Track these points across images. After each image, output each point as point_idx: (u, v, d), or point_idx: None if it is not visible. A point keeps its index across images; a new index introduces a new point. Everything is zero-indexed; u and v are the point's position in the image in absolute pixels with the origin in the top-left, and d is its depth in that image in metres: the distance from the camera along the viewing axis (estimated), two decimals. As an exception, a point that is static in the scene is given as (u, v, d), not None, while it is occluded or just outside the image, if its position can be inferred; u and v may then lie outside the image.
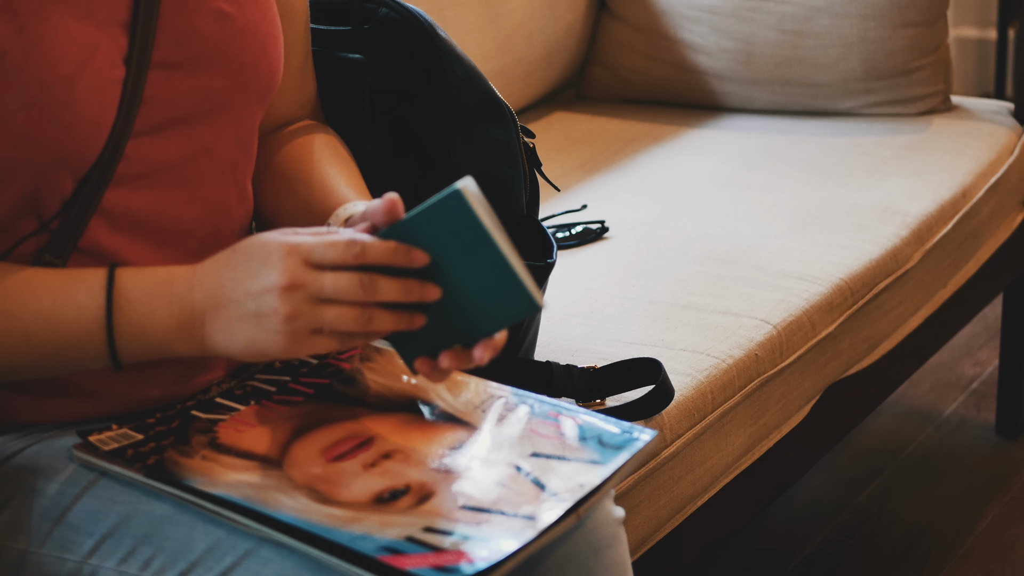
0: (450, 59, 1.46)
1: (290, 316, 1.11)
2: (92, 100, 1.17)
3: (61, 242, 1.19)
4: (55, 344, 1.16)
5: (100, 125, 1.17)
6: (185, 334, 1.16)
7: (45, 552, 1.18)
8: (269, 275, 1.12)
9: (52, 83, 1.15)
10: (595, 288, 1.82)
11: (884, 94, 2.37)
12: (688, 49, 2.44)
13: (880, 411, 2.55)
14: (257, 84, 1.28)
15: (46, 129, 1.15)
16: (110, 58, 1.18)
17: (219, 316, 1.14)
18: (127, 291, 1.16)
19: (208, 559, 1.13)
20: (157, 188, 1.23)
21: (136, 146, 1.21)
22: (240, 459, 1.17)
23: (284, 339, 1.12)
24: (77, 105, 1.16)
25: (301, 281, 1.11)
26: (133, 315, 1.16)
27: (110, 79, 1.18)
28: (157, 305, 1.16)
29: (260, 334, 1.13)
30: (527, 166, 1.52)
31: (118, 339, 1.16)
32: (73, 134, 1.16)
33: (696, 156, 2.27)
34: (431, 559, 1.06)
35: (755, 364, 1.71)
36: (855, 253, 1.92)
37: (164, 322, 1.16)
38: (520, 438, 1.20)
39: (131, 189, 1.22)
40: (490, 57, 2.31)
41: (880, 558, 2.21)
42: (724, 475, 1.70)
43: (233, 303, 1.13)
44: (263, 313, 1.12)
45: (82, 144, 1.17)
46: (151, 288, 1.16)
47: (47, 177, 1.17)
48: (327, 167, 1.35)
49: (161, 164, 1.23)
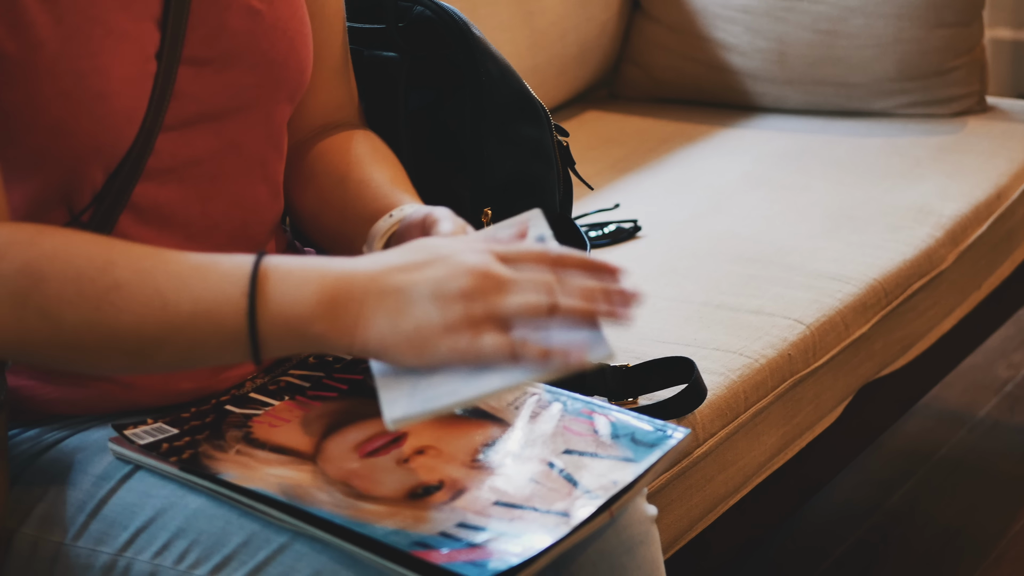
0: (484, 57, 1.46)
1: (474, 300, 1.03)
2: (125, 92, 1.17)
3: None
4: (192, 310, 1.06)
5: (131, 118, 1.18)
6: (336, 317, 1.05)
7: (80, 545, 1.19)
8: (464, 259, 1.04)
9: (87, 74, 1.15)
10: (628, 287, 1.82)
11: (918, 95, 2.36)
12: (722, 49, 2.44)
13: (913, 413, 2.55)
14: (286, 81, 1.28)
15: (80, 120, 1.16)
16: (143, 52, 1.19)
17: (385, 299, 1.05)
18: (275, 259, 1.07)
19: (243, 553, 1.14)
20: (185, 182, 1.24)
21: (165, 141, 1.21)
22: (274, 454, 1.18)
23: (460, 329, 1.03)
24: (111, 97, 1.16)
25: (495, 271, 1.04)
26: (280, 284, 1.06)
27: (143, 72, 1.19)
28: (309, 275, 1.06)
29: (435, 319, 1.03)
30: (560, 164, 1.52)
31: (259, 307, 1.06)
32: (105, 125, 1.17)
33: (729, 156, 2.27)
34: (464, 554, 1.06)
35: (788, 364, 1.71)
36: (889, 254, 1.92)
37: (313, 295, 1.05)
38: (553, 435, 1.20)
39: (159, 183, 1.22)
40: (523, 56, 2.31)
41: (912, 560, 2.20)
42: (756, 475, 1.70)
43: (407, 286, 1.04)
44: (444, 297, 1.03)
45: (114, 136, 1.18)
46: (302, 260, 1.08)
47: (78, 168, 1.18)
48: (376, 169, 1.34)
49: (189, 159, 1.24)
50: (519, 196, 1.47)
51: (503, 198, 1.46)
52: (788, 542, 2.24)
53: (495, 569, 1.05)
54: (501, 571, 1.05)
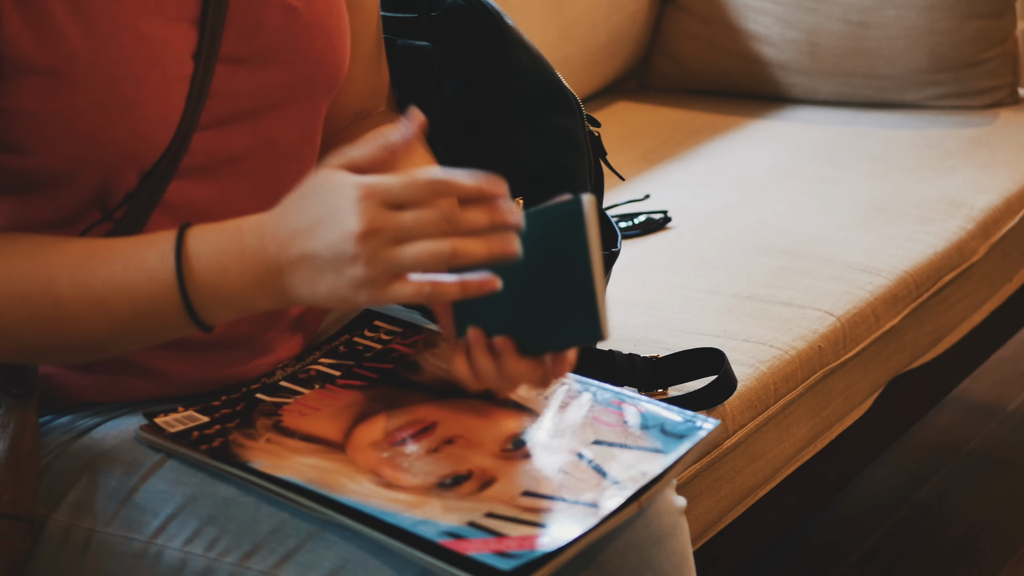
0: (517, 47, 1.46)
1: (370, 261, 1.05)
2: (159, 98, 1.17)
3: (124, 233, 1.20)
4: (132, 311, 1.14)
5: (166, 122, 1.18)
6: (263, 290, 1.11)
7: (111, 532, 1.20)
8: (346, 221, 1.06)
9: (120, 82, 1.15)
10: (657, 278, 1.82)
11: (950, 86, 2.35)
12: (752, 39, 2.43)
13: (943, 405, 2.54)
14: (323, 78, 1.28)
15: (114, 128, 1.16)
16: (178, 55, 1.19)
17: (297, 269, 1.09)
18: (196, 250, 1.12)
19: (272, 541, 1.14)
20: (220, 180, 1.24)
21: (200, 140, 1.21)
22: (304, 443, 1.18)
23: (367, 287, 1.06)
24: (144, 104, 1.16)
25: (380, 224, 1.05)
26: (206, 276, 1.12)
27: (178, 75, 1.18)
28: (228, 263, 1.11)
29: (342, 282, 1.07)
30: (592, 154, 1.52)
31: (194, 301, 1.12)
32: (139, 133, 1.17)
33: (759, 147, 2.26)
34: (492, 544, 1.06)
35: (818, 356, 1.70)
36: (920, 246, 1.91)
37: (238, 279, 1.11)
38: (582, 425, 1.20)
39: (192, 181, 1.22)
40: (553, 46, 2.31)
41: (940, 554, 2.19)
42: (785, 467, 1.70)
43: (310, 255, 1.08)
44: (342, 261, 1.06)
45: (148, 142, 1.18)
46: (221, 244, 1.12)
47: (113, 174, 1.18)
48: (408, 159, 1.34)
49: (224, 157, 1.23)
50: (551, 186, 1.47)
51: (535, 188, 1.46)
52: (817, 534, 2.24)
53: (523, 559, 1.05)
54: (529, 561, 1.05)
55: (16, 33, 1.12)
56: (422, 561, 1.08)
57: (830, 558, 2.19)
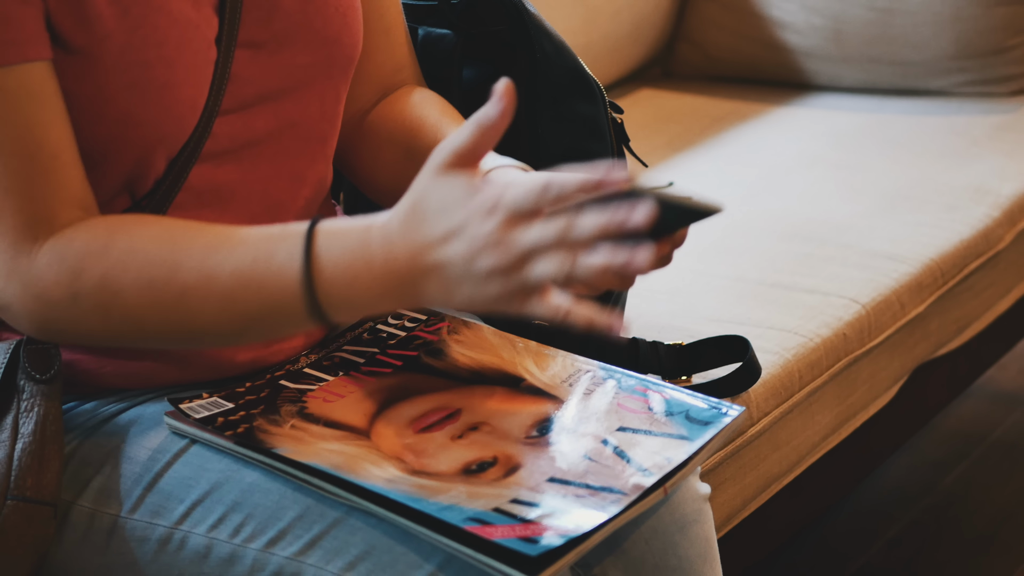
0: (539, 34, 1.45)
1: (499, 272, 1.04)
2: (190, 81, 1.18)
3: None
4: (258, 307, 1.11)
5: (195, 105, 1.19)
6: (393, 296, 1.09)
7: (137, 518, 1.20)
8: (474, 234, 1.04)
9: (154, 64, 1.16)
10: (682, 265, 1.80)
11: (976, 73, 2.34)
12: (777, 27, 2.42)
13: (968, 394, 2.53)
14: (340, 58, 1.28)
15: (148, 110, 1.16)
16: (205, 39, 1.19)
17: (431, 279, 1.07)
18: (325, 254, 1.09)
19: (297, 527, 1.14)
20: (242, 163, 1.24)
21: (223, 124, 1.22)
22: (329, 429, 1.18)
23: (504, 303, 1.05)
24: (176, 86, 1.17)
25: (508, 241, 1.03)
26: (335, 281, 1.09)
27: (205, 59, 1.19)
28: (358, 270, 1.09)
29: (478, 296, 1.05)
30: (615, 142, 1.52)
31: (323, 303, 1.10)
32: (171, 115, 1.18)
33: (784, 134, 2.26)
34: (518, 530, 1.06)
35: (843, 343, 1.70)
36: (945, 233, 1.90)
37: (367, 288, 1.09)
38: (607, 412, 1.20)
39: (215, 165, 1.22)
40: (576, 33, 2.30)
41: (965, 542, 2.19)
42: (810, 454, 1.70)
43: (443, 266, 1.06)
44: (476, 276, 1.05)
45: (178, 124, 1.18)
46: (351, 248, 1.09)
47: (144, 157, 1.19)
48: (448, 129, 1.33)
49: (247, 140, 1.24)
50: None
51: (558, 175, 1.45)
52: (841, 522, 2.23)
53: (548, 545, 1.05)
54: (554, 547, 1.05)
55: (55, 9, 1.13)
56: (448, 547, 1.08)
57: (854, 546, 2.18)
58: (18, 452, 1.18)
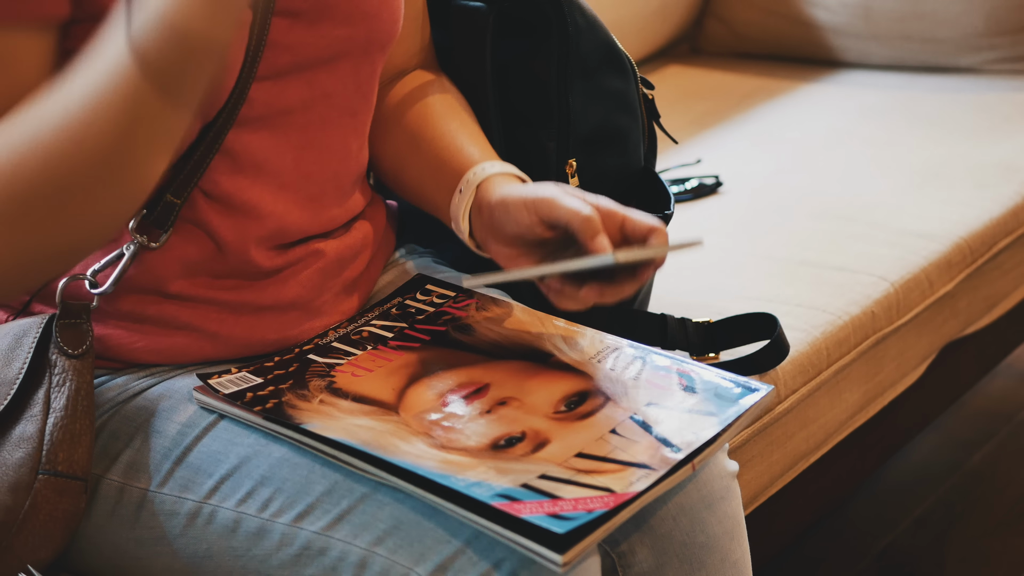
0: (572, 8, 1.45)
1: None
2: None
3: (183, 182, 1.20)
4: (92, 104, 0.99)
5: (231, 69, 1.19)
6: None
7: (166, 492, 1.20)
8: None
9: None
10: (709, 243, 1.80)
11: (1007, 50, 2.33)
12: (806, 3, 2.41)
13: (996, 373, 2.52)
14: (379, 33, 1.29)
15: None
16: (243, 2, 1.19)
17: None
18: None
19: (325, 501, 1.15)
20: (276, 131, 1.24)
21: (258, 90, 1.22)
22: (357, 404, 1.18)
23: None
24: None
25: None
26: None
27: (242, 23, 1.19)
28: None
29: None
30: (646, 117, 1.51)
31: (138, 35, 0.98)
32: None
33: (812, 111, 2.25)
34: (546, 506, 1.06)
35: (871, 321, 1.69)
36: (975, 211, 1.89)
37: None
38: (635, 388, 1.20)
39: (251, 131, 1.23)
40: (605, 9, 2.29)
41: (991, 521, 2.18)
42: (837, 432, 1.69)
43: None
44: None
45: (215, 88, 1.18)
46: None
47: None
48: (449, 123, 1.34)
49: (281, 108, 1.24)
50: (604, 148, 1.46)
51: (588, 150, 1.45)
52: (867, 501, 2.23)
53: (578, 521, 1.05)
54: (583, 523, 1.05)
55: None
56: (475, 523, 1.08)
57: (881, 524, 2.18)
58: (50, 427, 1.18)
